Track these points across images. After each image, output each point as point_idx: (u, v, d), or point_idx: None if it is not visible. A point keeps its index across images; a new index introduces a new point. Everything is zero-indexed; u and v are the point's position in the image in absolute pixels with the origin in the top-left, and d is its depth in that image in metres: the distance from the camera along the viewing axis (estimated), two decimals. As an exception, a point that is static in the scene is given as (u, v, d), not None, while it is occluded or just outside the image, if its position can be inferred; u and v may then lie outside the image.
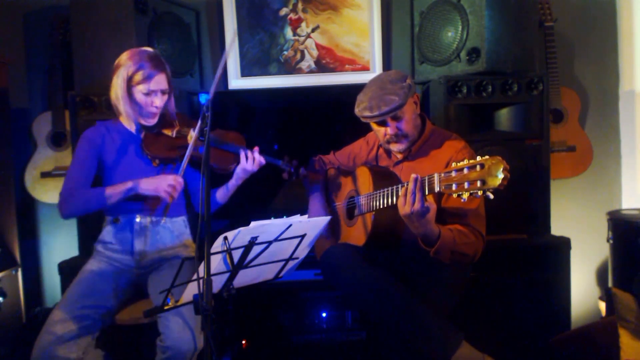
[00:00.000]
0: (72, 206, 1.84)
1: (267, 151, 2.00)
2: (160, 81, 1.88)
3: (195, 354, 1.67)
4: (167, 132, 1.96)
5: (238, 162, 1.96)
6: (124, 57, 1.88)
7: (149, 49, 1.92)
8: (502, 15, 2.38)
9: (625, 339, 1.90)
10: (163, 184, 1.79)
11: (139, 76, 1.84)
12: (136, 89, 1.86)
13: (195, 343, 1.66)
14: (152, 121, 1.93)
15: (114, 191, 1.82)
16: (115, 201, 1.83)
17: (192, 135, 1.93)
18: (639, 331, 1.91)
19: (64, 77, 2.79)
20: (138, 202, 1.92)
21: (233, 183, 2.01)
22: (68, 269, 2.34)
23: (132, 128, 1.98)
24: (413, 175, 1.57)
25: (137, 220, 1.93)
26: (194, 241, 2.09)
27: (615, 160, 2.97)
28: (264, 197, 2.72)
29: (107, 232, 1.96)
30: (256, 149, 1.97)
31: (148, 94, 1.86)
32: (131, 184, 1.81)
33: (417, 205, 1.56)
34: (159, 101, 1.89)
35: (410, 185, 1.57)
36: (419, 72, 2.66)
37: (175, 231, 2.01)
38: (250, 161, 1.94)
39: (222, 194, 2.06)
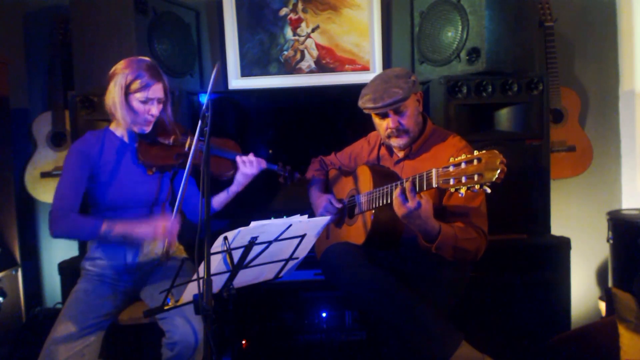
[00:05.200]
0: (62, 229, 1.82)
1: (262, 156, 2.02)
2: (157, 90, 1.87)
3: (199, 346, 1.69)
4: (163, 140, 1.95)
5: (235, 169, 1.98)
6: (121, 65, 1.86)
7: (146, 59, 1.91)
8: (502, 15, 2.38)
9: (625, 339, 1.90)
10: (159, 229, 1.79)
11: (136, 84, 1.83)
12: (133, 96, 1.84)
13: (197, 335, 1.68)
14: (147, 129, 1.92)
15: (110, 230, 1.79)
16: (106, 240, 1.84)
17: (189, 142, 1.93)
18: (639, 331, 1.91)
19: (64, 77, 2.79)
20: (125, 208, 1.91)
21: (234, 189, 2.02)
22: (68, 269, 2.34)
23: (124, 136, 1.95)
24: (396, 192, 1.59)
25: None
26: (180, 244, 2.11)
27: (615, 160, 2.97)
28: (264, 198, 2.72)
29: (96, 248, 1.93)
30: (251, 154, 2.00)
31: (145, 102, 1.85)
32: (129, 230, 1.79)
33: (411, 204, 1.57)
34: (155, 109, 1.88)
35: (408, 185, 1.59)
36: (419, 72, 2.66)
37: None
38: (249, 164, 1.96)
39: (220, 200, 2.05)
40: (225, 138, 2.09)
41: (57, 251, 2.95)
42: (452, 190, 1.45)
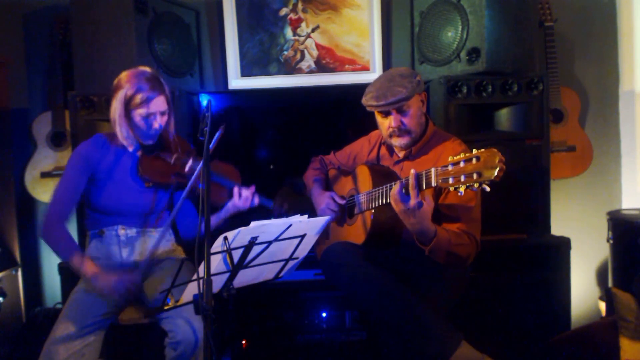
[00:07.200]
0: (47, 237, 1.85)
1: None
2: (158, 103, 1.85)
3: (200, 345, 1.69)
4: (165, 156, 1.94)
5: (231, 197, 1.97)
6: (123, 79, 1.84)
7: (148, 70, 1.89)
8: (502, 15, 2.38)
9: (625, 339, 1.90)
10: (119, 287, 1.76)
11: (137, 99, 1.81)
12: (135, 112, 1.83)
13: (197, 335, 1.68)
14: (151, 141, 1.93)
15: (77, 262, 1.79)
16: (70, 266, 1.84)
17: (190, 165, 1.93)
18: (639, 331, 1.91)
19: (64, 77, 2.78)
20: (119, 215, 1.92)
21: (222, 216, 2.01)
22: (68, 269, 2.33)
23: (129, 146, 1.94)
24: (412, 171, 1.57)
25: (122, 231, 1.92)
26: (179, 245, 2.10)
27: (615, 160, 2.97)
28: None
29: (93, 248, 1.94)
30: (252, 187, 1.98)
31: (147, 116, 1.84)
32: (90, 274, 1.77)
33: (412, 202, 1.57)
34: (157, 124, 1.87)
35: (411, 181, 1.57)
36: (419, 72, 2.65)
37: (162, 238, 1.99)
38: (243, 200, 1.95)
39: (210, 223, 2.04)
40: (227, 164, 2.07)
41: (57, 251, 2.95)
42: (452, 189, 1.45)
